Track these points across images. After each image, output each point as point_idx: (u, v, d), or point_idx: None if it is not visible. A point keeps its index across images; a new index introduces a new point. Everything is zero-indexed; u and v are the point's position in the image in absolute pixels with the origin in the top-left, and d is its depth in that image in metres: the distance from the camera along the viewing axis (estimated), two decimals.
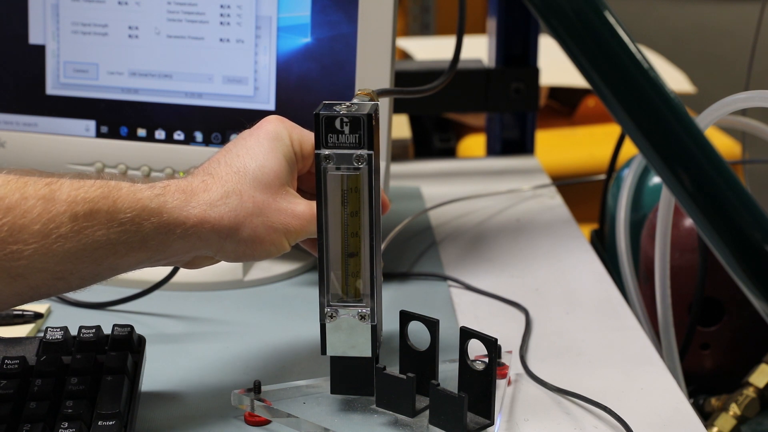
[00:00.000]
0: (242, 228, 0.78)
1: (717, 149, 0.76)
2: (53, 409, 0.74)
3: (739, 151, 1.81)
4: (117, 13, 1.06)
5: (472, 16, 1.31)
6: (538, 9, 0.77)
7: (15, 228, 0.71)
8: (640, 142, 0.76)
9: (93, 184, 0.74)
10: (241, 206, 0.78)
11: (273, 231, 0.78)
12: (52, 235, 0.71)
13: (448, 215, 1.26)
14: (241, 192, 0.78)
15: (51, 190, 0.72)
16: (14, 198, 0.71)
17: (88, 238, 0.73)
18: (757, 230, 0.74)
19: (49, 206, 0.72)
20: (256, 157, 0.80)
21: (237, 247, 0.78)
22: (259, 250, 0.79)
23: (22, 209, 0.71)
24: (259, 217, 0.78)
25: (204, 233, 0.77)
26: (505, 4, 1.46)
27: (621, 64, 0.75)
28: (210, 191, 0.78)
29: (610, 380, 0.88)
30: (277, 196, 0.79)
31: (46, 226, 0.71)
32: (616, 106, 0.76)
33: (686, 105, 0.77)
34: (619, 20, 0.75)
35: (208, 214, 0.77)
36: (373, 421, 0.79)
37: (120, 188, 0.75)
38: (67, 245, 0.72)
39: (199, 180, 0.78)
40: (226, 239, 0.78)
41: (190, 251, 0.78)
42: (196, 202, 0.77)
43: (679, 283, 1.09)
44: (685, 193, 0.76)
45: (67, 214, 0.72)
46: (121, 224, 0.74)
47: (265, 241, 0.78)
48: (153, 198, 0.75)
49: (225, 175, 0.79)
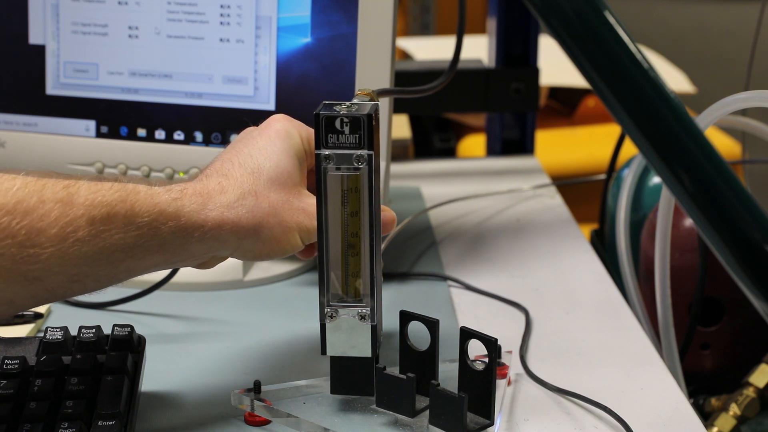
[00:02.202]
0: (260, 228, 0.78)
1: (717, 149, 0.76)
2: (53, 409, 0.74)
3: (739, 151, 1.81)
4: (117, 13, 1.06)
5: (472, 16, 1.31)
6: (538, 9, 0.77)
7: (33, 231, 0.70)
8: (640, 142, 0.76)
9: (110, 188, 0.73)
10: (258, 207, 0.78)
11: (288, 230, 0.79)
12: (69, 239, 0.71)
13: (448, 215, 1.26)
14: (257, 193, 0.78)
15: (69, 193, 0.72)
16: (32, 201, 0.70)
17: (105, 241, 0.72)
18: (757, 230, 0.74)
19: (67, 210, 0.71)
20: (269, 157, 0.80)
21: (254, 247, 0.79)
22: (276, 248, 0.79)
23: (40, 213, 0.70)
24: (275, 217, 0.79)
25: (222, 235, 0.77)
26: (505, 4, 1.46)
27: (621, 64, 0.75)
28: (226, 193, 0.78)
29: (610, 380, 0.88)
30: (291, 196, 0.80)
31: (63, 229, 0.71)
32: (616, 106, 0.76)
33: (686, 105, 0.77)
34: (619, 20, 0.75)
35: (225, 217, 0.77)
36: (373, 421, 0.79)
37: (137, 192, 0.74)
38: (84, 249, 0.71)
39: (215, 182, 0.78)
40: (243, 240, 0.78)
41: (207, 253, 0.78)
42: (213, 205, 0.77)
43: (679, 283, 1.08)
44: (685, 193, 0.76)
45: (84, 218, 0.71)
46: (139, 228, 0.73)
47: (281, 240, 0.79)
48: (170, 202, 0.75)
49: (240, 176, 0.79)
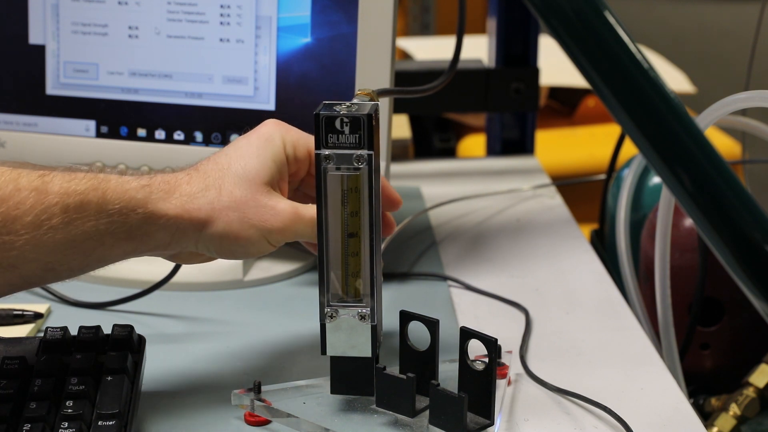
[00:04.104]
0: (216, 221, 0.79)
1: (717, 149, 0.75)
2: (53, 409, 0.74)
3: (739, 151, 1.81)
4: (117, 13, 1.06)
5: (472, 16, 1.31)
6: (538, 9, 0.77)
7: (8, 219, 0.72)
8: (640, 142, 0.76)
9: (84, 177, 0.75)
10: (218, 199, 0.79)
11: (249, 227, 0.79)
12: (44, 227, 0.73)
13: (448, 215, 1.26)
14: (220, 186, 0.79)
15: (44, 182, 0.74)
16: (8, 189, 0.72)
17: (77, 229, 0.74)
18: (757, 230, 0.74)
19: (42, 198, 0.73)
20: (242, 156, 0.81)
21: (212, 241, 0.79)
22: (235, 245, 0.79)
23: (15, 201, 0.72)
24: (235, 212, 0.79)
25: (182, 224, 0.78)
26: (505, 4, 1.46)
27: (621, 64, 0.75)
28: (191, 184, 0.79)
29: (610, 380, 0.88)
30: (257, 194, 0.80)
31: (38, 217, 0.73)
32: (616, 106, 0.76)
33: (686, 105, 0.76)
34: (619, 20, 0.75)
35: (186, 206, 0.78)
36: (373, 421, 0.79)
37: (109, 180, 0.76)
38: (57, 236, 0.73)
39: (184, 174, 0.80)
40: (201, 231, 0.79)
41: (171, 242, 0.79)
42: (178, 194, 0.78)
43: (679, 283, 1.08)
44: (685, 193, 0.75)
45: (58, 206, 0.73)
46: (109, 215, 0.75)
47: (240, 236, 0.79)
48: (139, 189, 0.77)
49: (209, 170, 0.80)
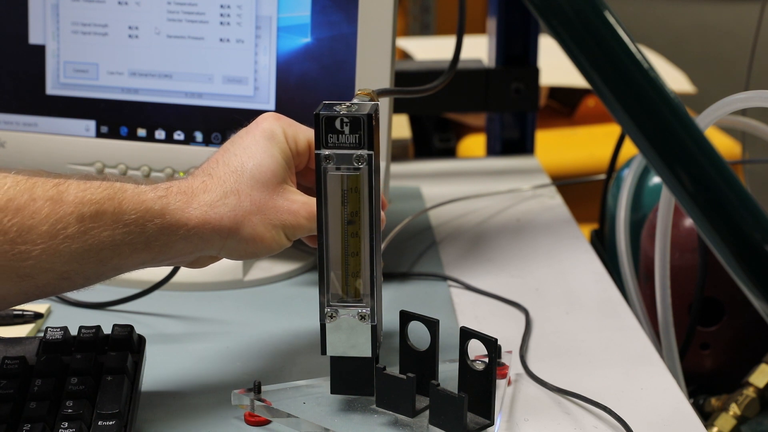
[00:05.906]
0: (242, 227, 0.79)
1: (717, 149, 0.75)
2: (53, 409, 0.74)
3: (739, 151, 1.81)
4: (117, 13, 1.06)
5: (472, 16, 1.31)
6: (538, 9, 0.77)
7: (24, 229, 0.71)
8: (640, 142, 0.76)
9: (99, 186, 0.75)
10: (240, 206, 0.79)
11: (272, 228, 0.80)
12: (60, 236, 0.72)
13: (448, 215, 1.26)
14: (239, 191, 0.79)
15: (59, 191, 0.73)
16: (23, 199, 0.72)
17: (93, 238, 0.74)
18: (757, 230, 0.74)
19: (57, 207, 0.73)
20: (253, 156, 0.81)
21: (239, 246, 0.80)
22: (261, 247, 0.80)
23: (31, 210, 0.72)
24: (258, 215, 0.79)
25: (206, 234, 0.78)
26: (505, 4, 1.46)
27: (621, 64, 0.75)
28: (210, 192, 0.79)
29: (610, 380, 0.88)
30: (275, 194, 0.80)
31: (53, 227, 0.72)
32: (616, 106, 0.76)
33: (686, 105, 0.76)
34: (619, 20, 0.75)
35: (208, 215, 0.78)
36: (373, 421, 0.79)
37: (125, 190, 0.76)
38: (73, 246, 0.73)
39: (199, 181, 0.80)
40: (227, 239, 0.79)
41: (193, 252, 0.79)
42: (197, 203, 0.78)
43: (679, 283, 1.08)
44: (685, 193, 0.75)
45: (74, 215, 0.73)
46: (126, 225, 0.75)
47: (265, 238, 0.80)
48: (156, 200, 0.76)
49: (223, 175, 0.80)
